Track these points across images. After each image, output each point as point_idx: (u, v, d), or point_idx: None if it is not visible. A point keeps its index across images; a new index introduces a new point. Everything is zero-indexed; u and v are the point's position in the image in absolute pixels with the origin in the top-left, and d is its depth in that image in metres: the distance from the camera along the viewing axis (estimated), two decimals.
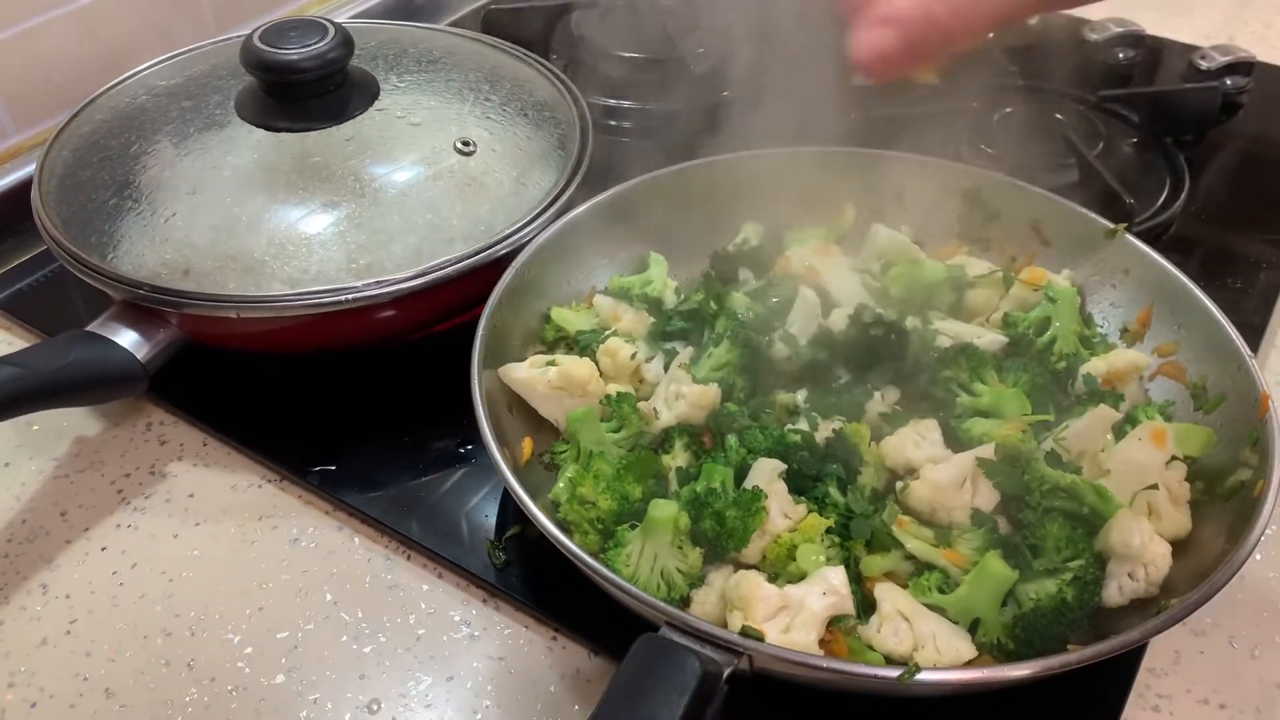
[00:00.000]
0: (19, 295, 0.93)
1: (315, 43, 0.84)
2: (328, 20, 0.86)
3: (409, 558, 0.73)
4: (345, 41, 0.85)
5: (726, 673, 0.53)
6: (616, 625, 0.64)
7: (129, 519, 0.76)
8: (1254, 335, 0.87)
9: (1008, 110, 1.07)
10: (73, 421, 0.82)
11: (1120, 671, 0.65)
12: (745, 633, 0.57)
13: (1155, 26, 1.25)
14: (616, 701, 0.49)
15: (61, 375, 0.73)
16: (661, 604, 0.57)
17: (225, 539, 0.74)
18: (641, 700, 0.49)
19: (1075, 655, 0.56)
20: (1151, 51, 1.21)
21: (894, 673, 0.54)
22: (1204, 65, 1.14)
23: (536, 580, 0.70)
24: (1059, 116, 1.05)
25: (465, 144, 0.87)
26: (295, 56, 0.83)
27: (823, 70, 1.03)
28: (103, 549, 0.74)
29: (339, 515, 0.75)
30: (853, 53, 0.63)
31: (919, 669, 0.54)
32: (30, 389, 0.71)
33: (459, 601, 0.70)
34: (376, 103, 0.88)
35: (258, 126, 0.85)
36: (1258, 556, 0.73)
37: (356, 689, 0.65)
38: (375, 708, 0.65)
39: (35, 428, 0.82)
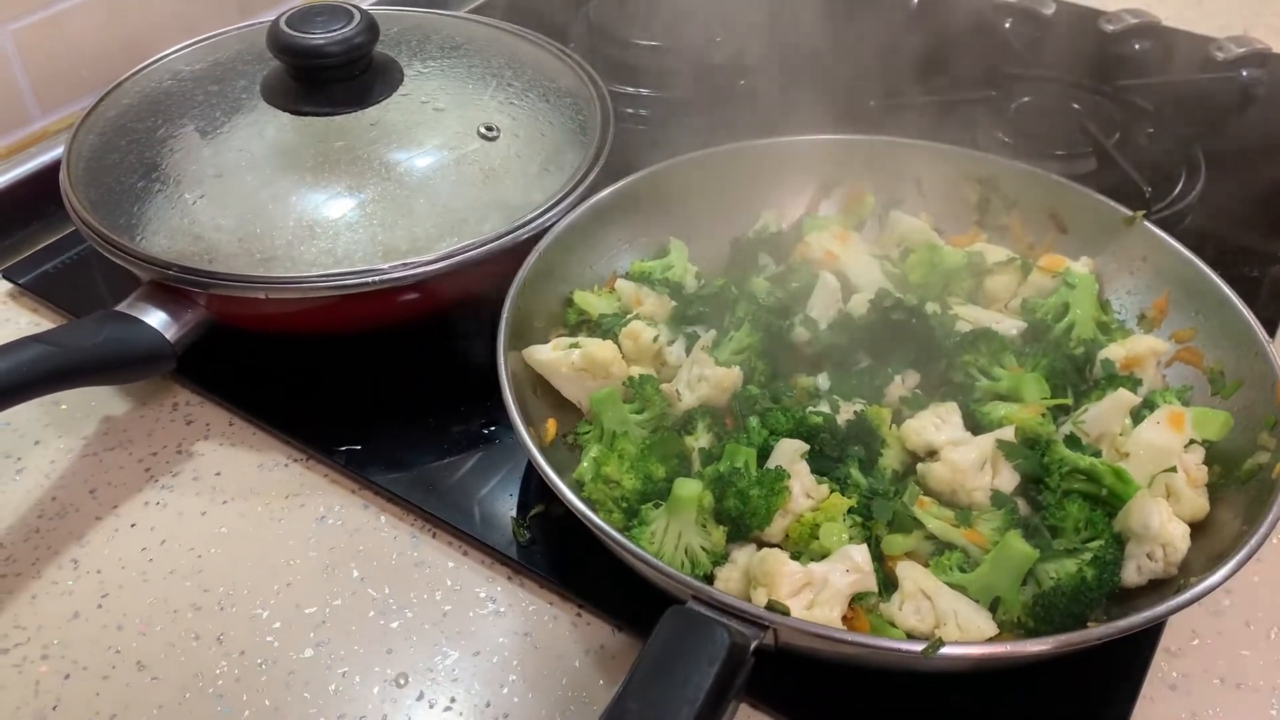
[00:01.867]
0: (45, 277, 0.94)
1: (341, 28, 0.85)
2: (354, 6, 0.87)
3: (434, 535, 0.74)
4: (370, 27, 0.86)
5: (753, 645, 0.54)
6: (640, 602, 0.65)
7: (157, 496, 0.77)
8: (1268, 324, 0.88)
9: (1025, 99, 1.08)
10: (101, 401, 0.83)
11: (1138, 651, 0.66)
12: (771, 607, 0.58)
13: (1172, 18, 1.26)
14: (648, 670, 0.50)
15: (92, 354, 0.74)
16: (689, 579, 0.58)
17: (253, 516, 0.75)
18: (672, 669, 0.50)
19: (1096, 631, 0.57)
20: (1168, 43, 1.21)
21: (918, 646, 0.55)
22: (1220, 56, 1.14)
23: (560, 558, 0.71)
24: (1075, 106, 1.06)
25: (489, 129, 0.87)
26: (321, 41, 0.84)
27: (841, 58, 1.05)
28: (132, 525, 0.75)
29: (365, 494, 0.76)
30: None
31: (942, 643, 0.55)
32: (62, 366, 0.72)
33: (484, 579, 0.71)
34: (401, 88, 0.89)
35: (283, 110, 0.86)
36: (1274, 540, 0.74)
37: (385, 663, 0.66)
38: (403, 681, 0.66)
39: (63, 407, 0.83)
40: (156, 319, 0.78)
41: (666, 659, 0.51)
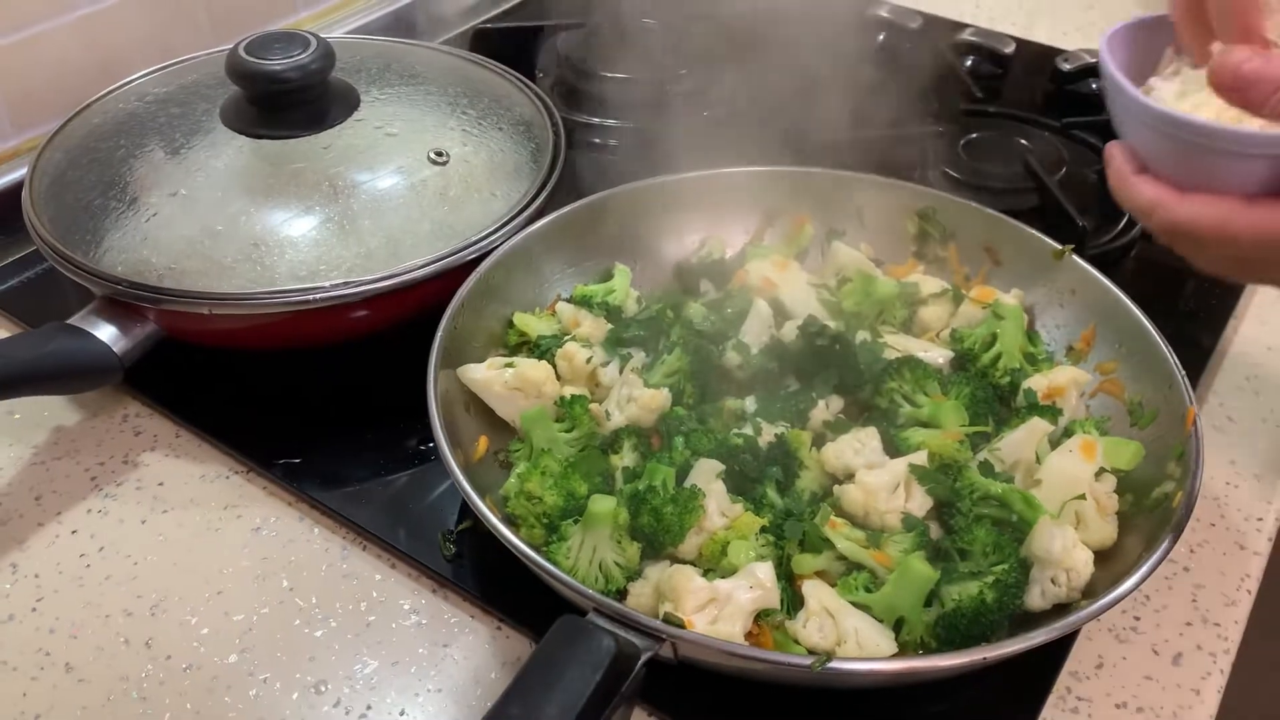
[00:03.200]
0: (10, 291, 0.97)
1: (297, 54, 0.87)
2: (311, 34, 0.90)
3: (364, 548, 0.76)
4: (326, 54, 0.89)
5: (645, 656, 0.56)
6: (558, 616, 0.66)
7: (100, 505, 0.79)
8: (1202, 356, 0.90)
9: (974, 135, 1.10)
10: (53, 411, 0.85)
11: (1040, 674, 0.67)
12: (667, 619, 0.60)
13: None
14: (531, 676, 0.52)
15: (39, 364, 0.76)
16: (588, 590, 0.60)
17: (190, 526, 0.77)
18: (555, 676, 0.52)
19: (983, 651, 0.58)
20: None
21: (806, 661, 0.56)
22: None
23: (484, 573, 0.73)
24: (1023, 142, 1.08)
25: (439, 154, 0.90)
26: (277, 67, 0.87)
27: (795, 94, 1.07)
28: (73, 532, 0.77)
29: (300, 506, 0.78)
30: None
31: (830, 658, 0.56)
32: (7, 376, 0.74)
33: (410, 591, 0.73)
34: (356, 113, 0.92)
35: (240, 133, 0.89)
36: (1188, 567, 0.75)
37: (305, 670, 0.68)
38: (322, 688, 0.67)
39: (16, 417, 0.85)
40: (106, 333, 0.80)
41: (550, 666, 0.52)
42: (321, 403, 0.86)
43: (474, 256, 0.84)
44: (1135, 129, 0.64)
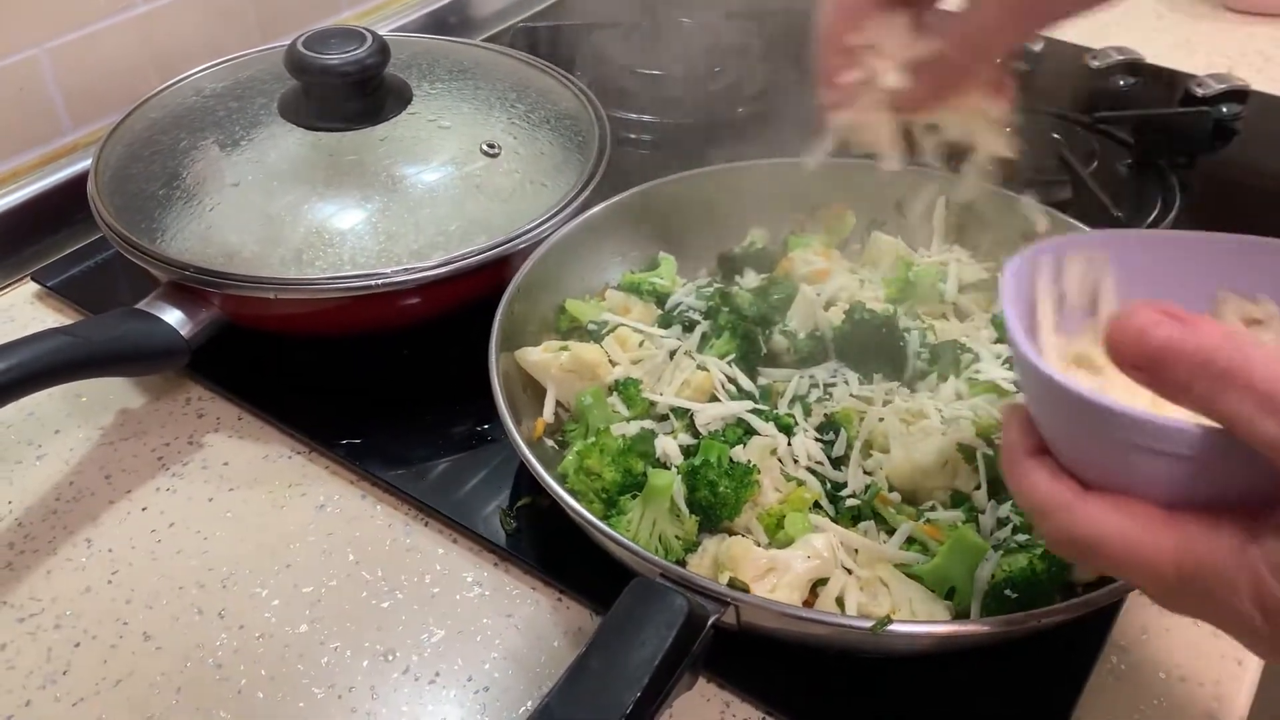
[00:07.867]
0: (72, 280, 1.00)
1: (354, 49, 0.90)
2: (366, 29, 0.93)
3: (426, 524, 0.78)
4: (382, 49, 0.91)
5: (712, 619, 0.58)
6: (618, 587, 0.68)
7: (168, 483, 0.81)
8: None
9: (1007, 130, 1.12)
10: (118, 395, 0.88)
11: (1087, 643, 0.69)
12: (732, 584, 0.62)
13: (1158, 56, 1.30)
14: (609, 632, 0.54)
15: (111, 346, 0.79)
16: (656, 557, 0.62)
17: (256, 503, 0.80)
18: (632, 631, 0.54)
19: (1037, 612, 0.60)
20: (1151, 78, 1.26)
21: (867, 623, 0.59)
22: (1200, 92, 1.19)
23: (544, 547, 0.75)
24: (1056, 136, 1.10)
25: (491, 147, 0.93)
26: (335, 61, 0.89)
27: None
28: (143, 509, 0.79)
29: (363, 485, 0.81)
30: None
31: (890, 620, 0.59)
32: (82, 357, 0.77)
33: (471, 564, 0.75)
34: (409, 107, 0.94)
35: (298, 126, 0.92)
36: None
37: (374, 639, 0.71)
38: (391, 656, 0.70)
39: (83, 399, 0.88)
40: (173, 317, 0.83)
41: (627, 623, 0.55)
42: (379, 387, 0.88)
43: (526, 245, 0.86)
44: (1031, 393, 0.48)
